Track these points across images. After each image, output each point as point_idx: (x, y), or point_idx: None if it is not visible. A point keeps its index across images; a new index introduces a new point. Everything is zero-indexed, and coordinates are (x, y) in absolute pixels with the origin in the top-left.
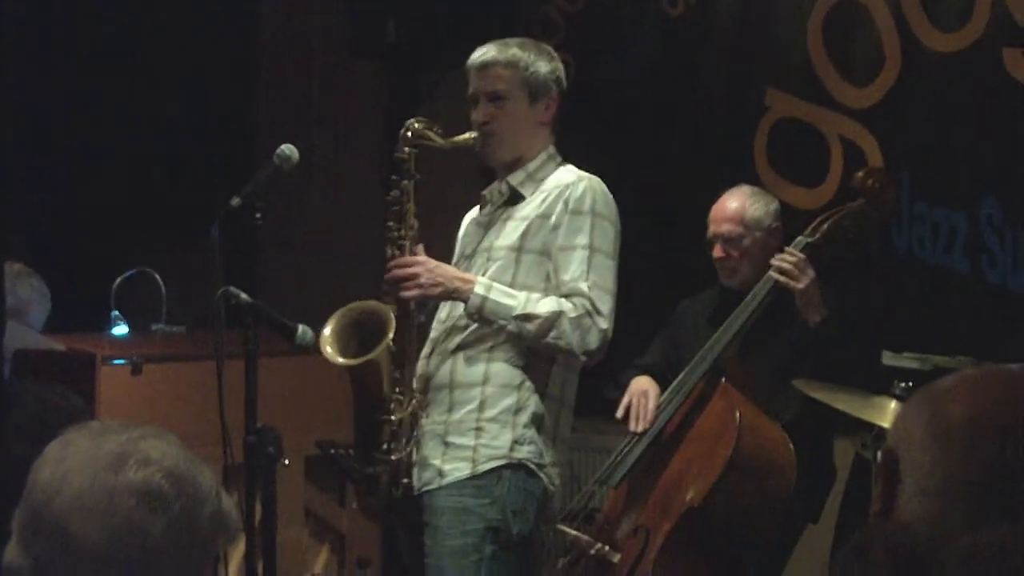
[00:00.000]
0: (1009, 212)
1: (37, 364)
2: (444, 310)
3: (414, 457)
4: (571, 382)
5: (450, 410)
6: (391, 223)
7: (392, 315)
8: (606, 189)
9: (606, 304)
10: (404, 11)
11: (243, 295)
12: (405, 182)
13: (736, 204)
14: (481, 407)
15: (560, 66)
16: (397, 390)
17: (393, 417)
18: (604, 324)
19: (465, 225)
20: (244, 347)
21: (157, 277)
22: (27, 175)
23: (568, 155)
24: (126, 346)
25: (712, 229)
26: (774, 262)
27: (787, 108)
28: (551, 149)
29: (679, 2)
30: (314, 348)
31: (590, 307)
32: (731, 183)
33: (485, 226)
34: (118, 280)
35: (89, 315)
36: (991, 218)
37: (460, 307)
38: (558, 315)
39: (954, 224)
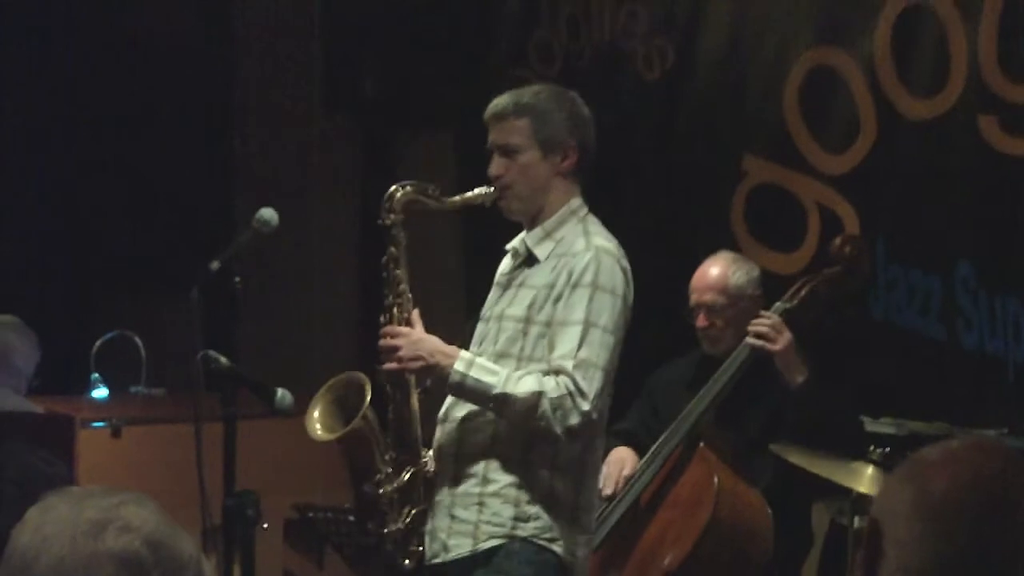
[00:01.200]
0: (984, 277)
1: (16, 427)
2: None
3: (428, 525)
4: (592, 446)
5: (454, 482)
6: (385, 290)
7: (367, 385)
8: (615, 259)
9: (593, 383)
10: (381, 68)
11: (222, 359)
12: (392, 249)
13: (718, 272)
14: (484, 481)
15: (581, 112)
16: (388, 459)
17: (381, 491)
18: (586, 406)
19: (500, 269)
20: (223, 410)
21: (137, 340)
22: (7, 238)
23: None
24: (105, 409)
25: (694, 298)
26: (750, 327)
27: (764, 174)
28: (573, 203)
29: (655, 66)
30: (293, 411)
31: (572, 387)
32: (708, 248)
33: (504, 287)
34: (98, 343)
35: (69, 378)
36: (966, 282)
37: None
38: (538, 396)
39: (929, 288)
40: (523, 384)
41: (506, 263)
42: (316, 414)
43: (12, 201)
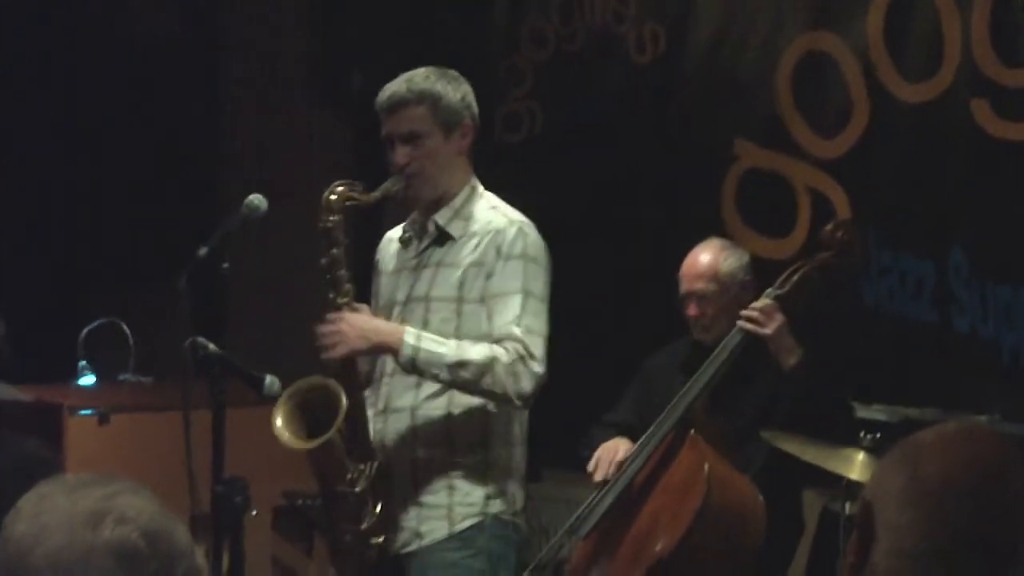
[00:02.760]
0: (977, 261)
1: (3, 414)
2: (391, 363)
3: (391, 515)
4: (525, 417)
5: (416, 471)
6: (330, 292)
7: (339, 390)
8: (536, 231)
9: (539, 348)
10: (370, 59)
11: (211, 346)
12: (335, 250)
13: (708, 259)
14: (450, 465)
15: (469, 90)
16: (358, 456)
17: (357, 489)
18: (538, 368)
19: (387, 258)
20: (212, 397)
21: (124, 327)
22: None
23: (535, 203)
24: (93, 396)
25: (685, 287)
26: (741, 314)
27: (755, 158)
28: (473, 181)
29: (647, 50)
30: None
31: (523, 351)
32: (699, 233)
33: (414, 269)
34: (85, 330)
35: (56, 365)
36: (959, 267)
37: None
38: (492, 360)
39: (922, 273)
40: (475, 350)
41: (392, 250)
42: (279, 423)
43: (1, 191)
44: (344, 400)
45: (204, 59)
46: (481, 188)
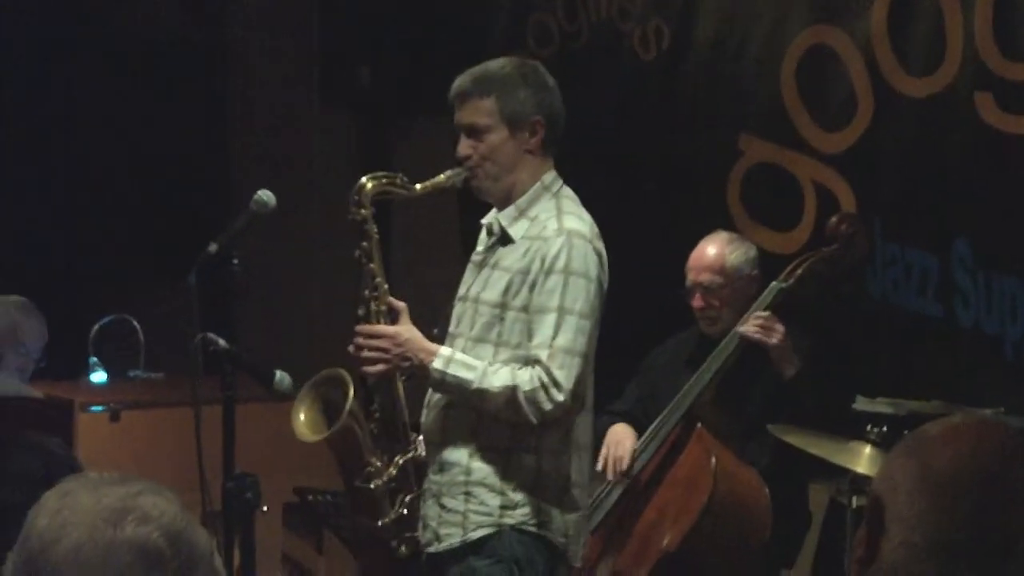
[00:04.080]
0: (981, 255)
1: (14, 412)
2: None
3: (421, 511)
4: (582, 424)
5: (441, 470)
6: (360, 285)
7: (349, 382)
8: (589, 242)
9: (569, 370)
10: (376, 58)
11: (221, 341)
12: (365, 243)
13: (715, 252)
14: (468, 470)
15: (546, 82)
16: (376, 450)
17: (372, 485)
18: (560, 396)
19: (476, 246)
20: (222, 393)
21: (135, 324)
22: (5, 222)
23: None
24: (104, 393)
25: (691, 278)
26: (739, 329)
27: (761, 153)
28: (546, 179)
29: (651, 47)
30: (292, 394)
31: (546, 379)
32: (706, 227)
33: (479, 266)
34: (96, 327)
35: (67, 362)
36: (963, 261)
37: None
38: (512, 391)
39: (926, 267)
40: (498, 378)
41: (482, 239)
42: (302, 416)
43: (11, 186)
44: (351, 391)
45: (211, 57)
46: (557, 187)
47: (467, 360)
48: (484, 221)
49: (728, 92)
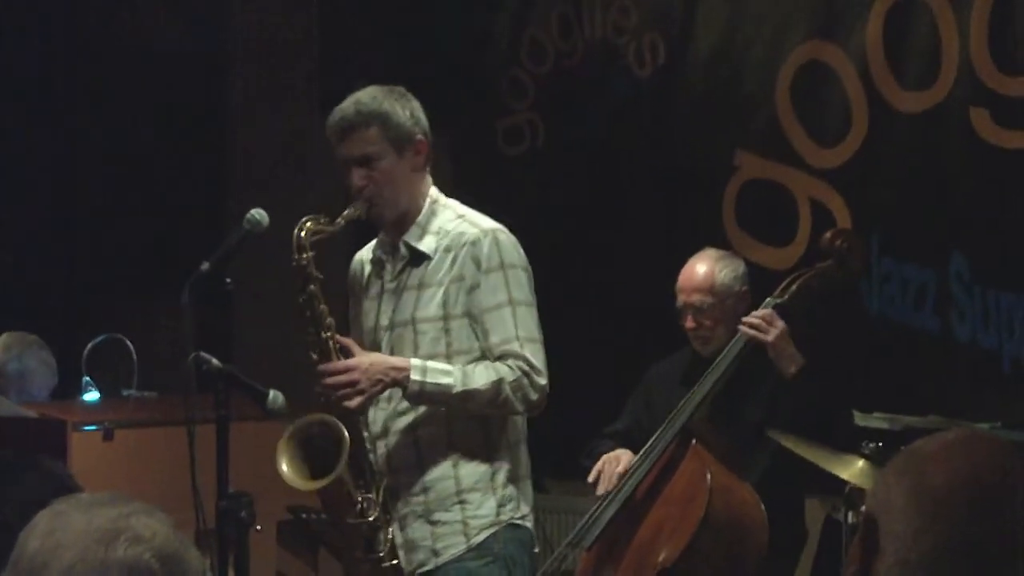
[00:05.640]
0: (978, 270)
1: (7, 431)
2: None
3: (399, 539)
4: (523, 418)
5: (425, 489)
6: (308, 328)
7: (341, 427)
8: (508, 235)
9: (539, 357)
10: (375, 74)
11: (214, 360)
12: (311, 287)
13: (704, 271)
14: (457, 480)
15: (417, 105)
16: (365, 485)
17: (371, 518)
18: (542, 380)
19: (362, 281)
20: (216, 412)
21: (128, 343)
22: None
23: (536, 214)
24: (97, 412)
25: (682, 299)
26: (743, 320)
27: (756, 168)
28: (433, 193)
29: (647, 62)
30: (286, 413)
31: (526, 367)
32: (700, 242)
33: (395, 292)
34: (89, 346)
35: (60, 381)
36: (960, 276)
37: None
38: (498, 383)
39: (923, 282)
40: (479, 376)
41: (365, 272)
42: (284, 466)
43: (4, 204)
44: (347, 437)
45: (211, 72)
46: (443, 198)
47: (441, 366)
48: (366, 256)
49: (723, 107)
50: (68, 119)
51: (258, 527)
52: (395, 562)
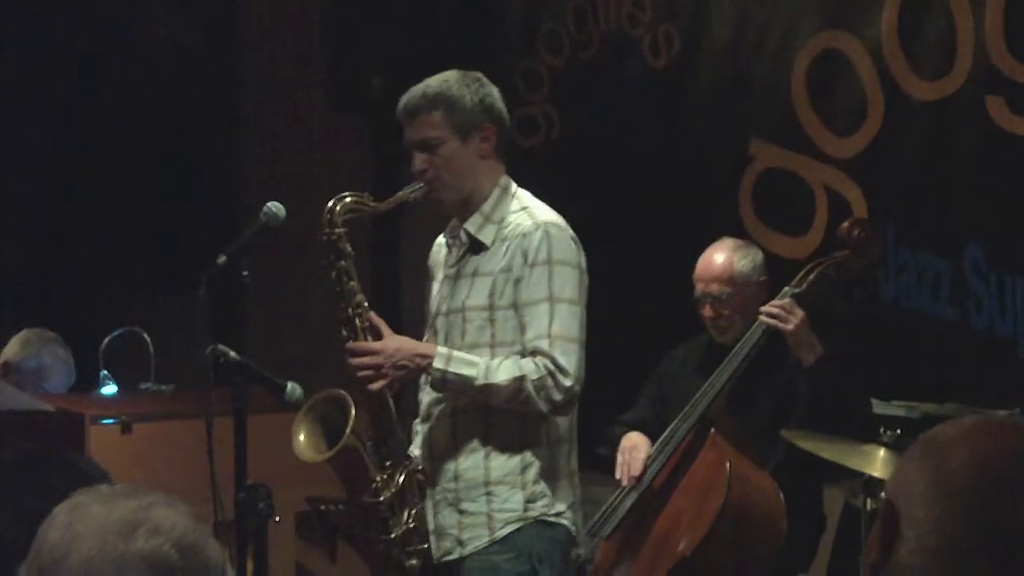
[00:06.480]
0: (993, 258)
1: (26, 425)
2: None
3: (431, 525)
4: (571, 416)
5: (456, 477)
6: (339, 304)
7: (349, 401)
8: (565, 231)
9: (571, 356)
10: (388, 65)
11: (232, 353)
12: (342, 263)
13: (722, 260)
14: (487, 471)
15: (491, 92)
16: (386, 465)
17: (381, 499)
18: (568, 381)
19: (438, 264)
20: (233, 404)
21: (145, 336)
22: (15, 235)
23: (552, 207)
24: (115, 405)
25: (700, 288)
26: (762, 310)
27: (772, 158)
28: (503, 181)
29: (662, 53)
30: (303, 404)
31: (551, 367)
32: (716, 232)
33: (454, 279)
34: (106, 340)
35: (78, 375)
36: (976, 264)
37: None
38: (520, 381)
39: (939, 271)
40: (503, 371)
41: (442, 255)
42: (301, 437)
43: (20, 198)
44: (353, 410)
45: (223, 67)
46: (513, 188)
47: (467, 357)
48: (441, 239)
49: (739, 97)
50: (84, 114)
51: (277, 518)
52: (423, 547)
